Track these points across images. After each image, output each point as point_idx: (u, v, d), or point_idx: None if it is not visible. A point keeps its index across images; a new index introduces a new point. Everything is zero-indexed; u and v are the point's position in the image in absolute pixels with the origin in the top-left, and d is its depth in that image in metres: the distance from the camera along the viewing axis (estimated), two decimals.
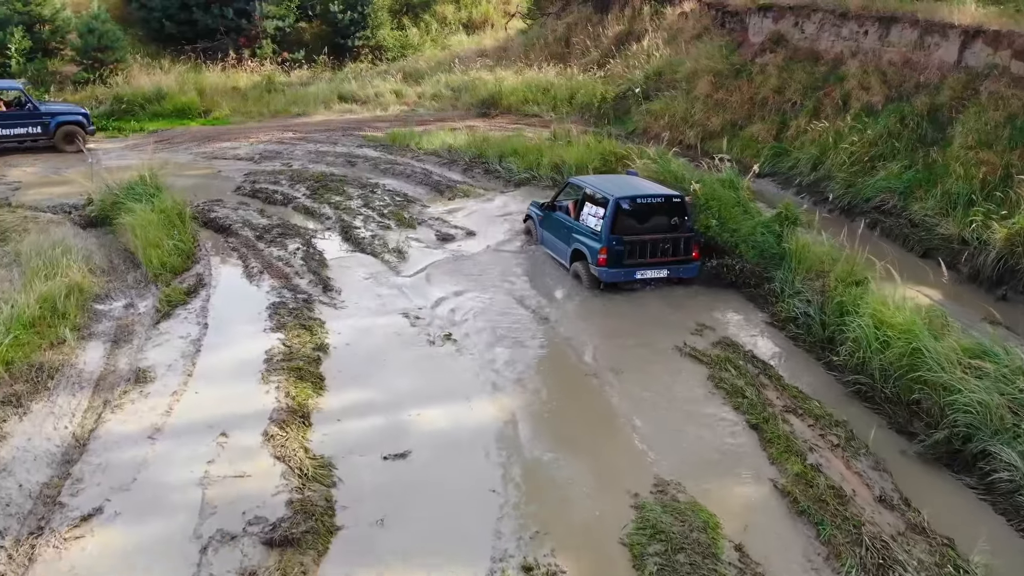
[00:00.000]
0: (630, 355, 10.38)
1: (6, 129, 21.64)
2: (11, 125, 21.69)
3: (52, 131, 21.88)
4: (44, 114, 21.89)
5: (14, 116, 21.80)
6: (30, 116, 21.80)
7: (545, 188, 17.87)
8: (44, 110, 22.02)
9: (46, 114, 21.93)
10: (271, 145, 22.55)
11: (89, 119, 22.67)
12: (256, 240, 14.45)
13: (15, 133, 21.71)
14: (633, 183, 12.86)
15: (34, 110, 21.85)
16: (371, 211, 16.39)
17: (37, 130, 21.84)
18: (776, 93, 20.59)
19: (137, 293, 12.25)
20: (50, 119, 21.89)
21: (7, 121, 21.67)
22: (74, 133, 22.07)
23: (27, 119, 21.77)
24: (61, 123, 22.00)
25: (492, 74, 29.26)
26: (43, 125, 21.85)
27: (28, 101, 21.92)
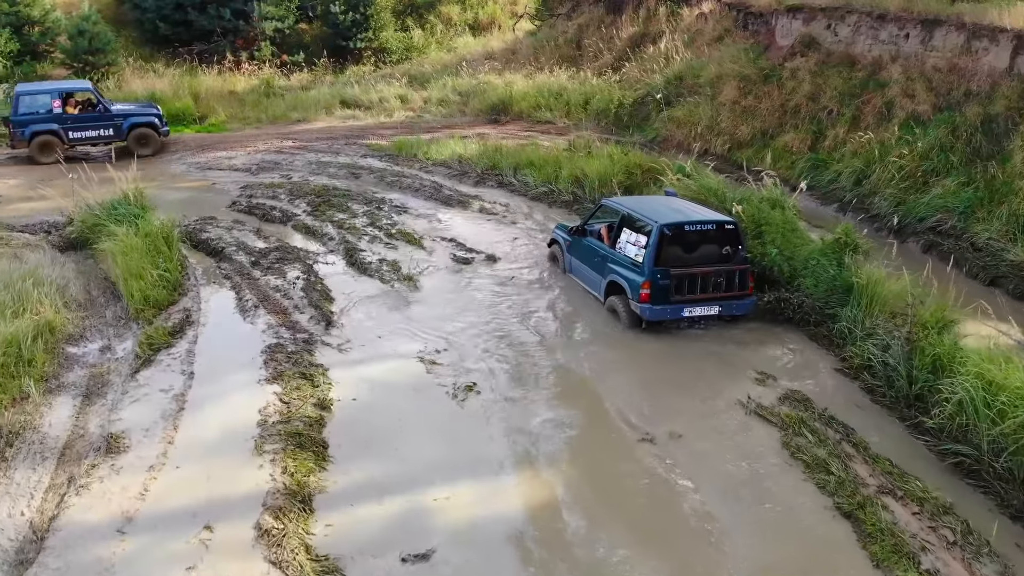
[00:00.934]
0: (686, 412, 8.81)
1: (78, 132, 20.35)
2: (83, 128, 20.39)
3: (125, 133, 20.60)
4: (116, 115, 20.63)
5: (87, 119, 20.53)
6: (102, 118, 20.50)
7: (569, 205, 16.34)
8: (116, 111, 20.74)
9: (118, 115, 20.67)
10: (269, 155, 20.97)
11: (163, 119, 21.41)
12: (251, 266, 12.88)
13: (87, 136, 20.47)
14: (677, 206, 11.30)
15: (106, 111, 20.53)
16: (378, 230, 14.83)
17: (109, 132, 20.55)
18: (810, 100, 19.03)
19: (116, 332, 10.69)
20: (123, 120, 20.63)
21: (80, 124, 20.42)
22: (148, 136, 20.88)
23: (99, 121, 20.45)
24: (134, 124, 20.73)
25: (501, 78, 27.69)
26: (115, 127, 20.57)
27: (100, 102, 20.64)
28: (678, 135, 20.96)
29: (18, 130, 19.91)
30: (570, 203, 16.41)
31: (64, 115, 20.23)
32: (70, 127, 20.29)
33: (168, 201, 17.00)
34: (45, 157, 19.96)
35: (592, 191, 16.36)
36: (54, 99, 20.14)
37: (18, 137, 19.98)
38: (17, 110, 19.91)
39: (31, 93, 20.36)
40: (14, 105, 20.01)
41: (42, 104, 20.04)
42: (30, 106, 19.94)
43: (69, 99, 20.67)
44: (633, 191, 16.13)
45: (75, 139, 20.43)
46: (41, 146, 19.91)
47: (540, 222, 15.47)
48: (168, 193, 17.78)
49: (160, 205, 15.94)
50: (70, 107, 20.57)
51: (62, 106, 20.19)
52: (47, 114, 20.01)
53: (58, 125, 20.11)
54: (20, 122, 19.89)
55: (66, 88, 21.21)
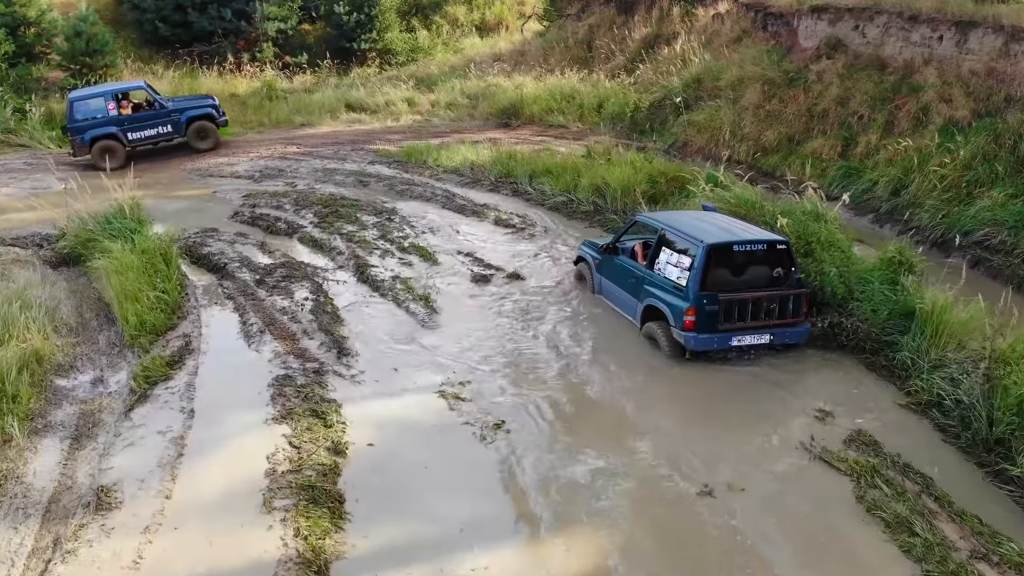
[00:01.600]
0: (745, 458, 7.88)
1: (138, 132, 19.96)
2: (142, 127, 20.00)
3: (184, 128, 20.27)
4: (173, 111, 20.25)
5: (144, 118, 20.10)
6: (159, 115, 20.09)
7: (589, 216, 15.40)
8: (172, 107, 20.34)
9: (175, 111, 20.28)
10: (273, 161, 20.02)
11: (219, 109, 20.98)
12: (256, 285, 11.93)
13: (146, 136, 20.10)
14: (720, 223, 10.34)
15: (162, 108, 20.12)
16: (389, 244, 13.89)
17: (168, 129, 20.26)
18: (839, 104, 18.07)
19: (109, 362, 9.75)
20: (179, 116, 20.26)
21: (138, 123, 19.98)
22: (207, 128, 20.62)
23: (157, 119, 20.09)
24: (192, 118, 20.38)
25: (510, 80, 26.74)
26: (173, 123, 20.24)
27: (155, 99, 20.16)
28: (699, 140, 20.01)
29: (77, 137, 19.42)
30: (591, 214, 15.47)
31: (121, 117, 19.74)
32: (128, 128, 19.81)
33: (167, 211, 16.10)
34: (108, 163, 19.18)
35: (614, 201, 15.43)
36: (108, 101, 19.68)
37: (79, 144, 19.45)
38: (73, 117, 19.46)
39: (85, 98, 19.90)
40: (69, 112, 19.58)
41: (97, 108, 19.58)
42: (85, 111, 19.47)
43: (123, 100, 20.11)
44: (658, 202, 15.22)
45: (135, 140, 19.99)
46: (102, 151, 19.16)
47: (561, 235, 14.53)
48: (167, 203, 16.86)
49: (158, 216, 15.07)
50: (124, 108, 20.07)
51: (117, 108, 19.71)
52: (104, 118, 19.53)
53: (116, 128, 19.64)
54: (78, 128, 19.41)
55: (119, 89, 20.72)
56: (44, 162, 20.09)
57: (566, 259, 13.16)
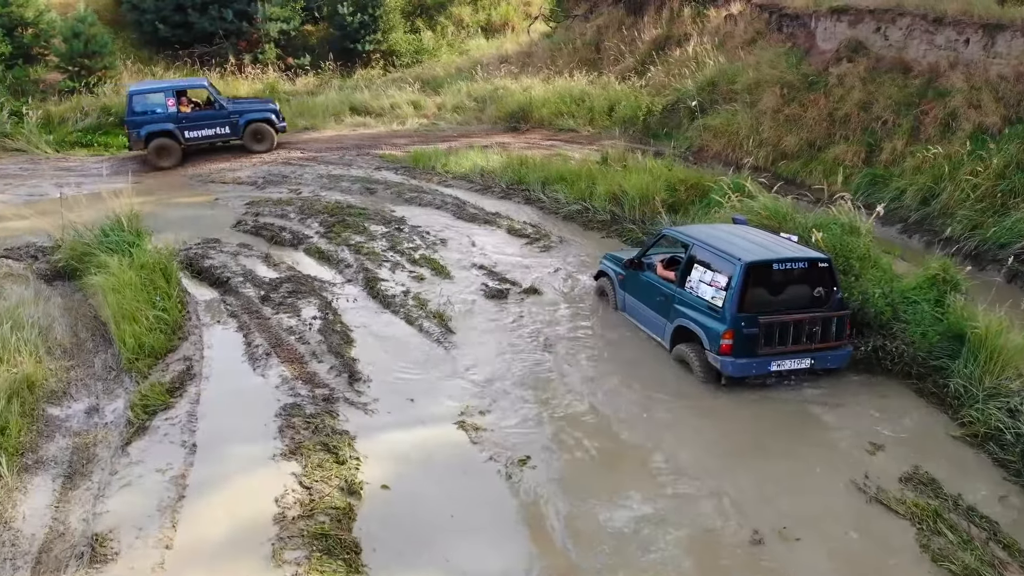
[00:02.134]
0: (794, 499, 7.25)
1: (195, 131, 19.77)
2: (200, 126, 19.81)
3: (241, 130, 20.03)
4: (232, 112, 20.06)
5: (203, 117, 19.91)
6: (218, 115, 19.87)
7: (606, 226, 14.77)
8: (231, 108, 20.12)
9: (234, 112, 20.09)
10: (276, 166, 19.38)
11: (279, 115, 20.75)
12: (261, 302, 11.30)
13: (204, 135, 19.90)
14: (755, 238, 9.69)
15: (221, 108, 19.86)
16: (399, 255, 13.27)
17: (226, 130, 20.06)
18: (861, 109, 17.44)
19: (105, 388, 9.11)
20: (239, 117, 20.06)
21: (198, 122, 19.82)
22: (263, 132, 20.29)
23: (215, 119, 19.89)
24: (250, 121, 20.13)
25: (517, 82, 26.09)
26: (232, 124, 20.04)
27: (215, 99, 19.85)
28: (715, 145, 19.39)
29: (134, 131, 19.35)
30: (608, 223, 14.85)
31: (179, 114, 19.55)
32: (186, 126, 19.62)
33: (167, 220, 15.49)
34: (163, 161, 19.53)
35: (632, 210, 14.81)
36: (168, 97, 19.49)
37: (135, 138, 19.41)
38: (132, 110, 19.36)
39: (144, 92, 19.77)
40: (128, 106, 19.49)
41: (156, 103, 19.43)
42: (144, 106, 19.37)
43: (183, 97, 19.97)
44: (678, 211, 14.61)
45: (191, 139, 19.77)
46: (158, 149, 19.45)
47: (578, 246, 13.91)
48: (167, 210, 16.25)
49: (158, 225, 14.47)
50: (184, 106, 19.89)
51: (176, 105, 19.51)
52: (162, 114, 19.39)
53: (174, 125, 19.49)
54: (135, 123, 19.30)
55: (180, 85, 20.58)
56: (40, 167, 19.53)
57: (585, 272, 12.55)
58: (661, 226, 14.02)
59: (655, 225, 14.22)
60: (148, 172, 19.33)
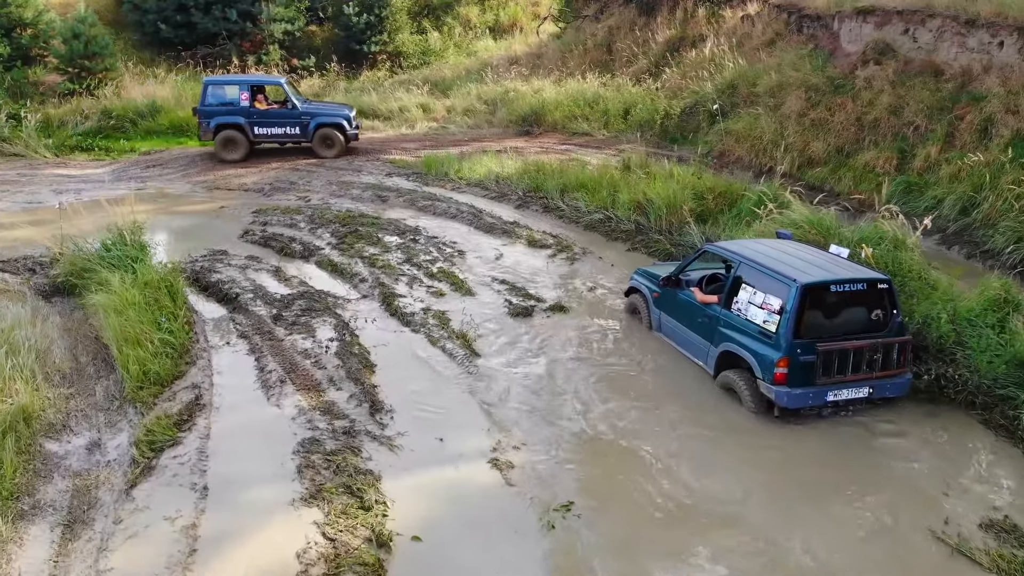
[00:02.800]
0: (872, 549, 6.54)
1: (265, 128, 19.48)
2: (270, 124, 19.47)
3: (311, 133, 19.51)
4: (303, 114, 19.53)
5: (274, 115, 19.55)
6: (289, 115, 19.47)
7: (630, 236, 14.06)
8: (303, 109, 19.57)
9: (305, 114, 19.54)
10: (283, 172, 18.68)
11: (352, 121, 19.93)
12: (273, 321, 10.59)
13: (272, 133, 19.58)
14: (807, 256, 8.99)
15: (293, 109, 19.42)
16: (416, 268, 12.58)
17: (295, 131, 19.61)
18: (891, 114, 16.74)
19: (107, 420, 8.40)
20: (309, 119, 19.51)
21: (269, 120, 19.47)
22: (333, 137, 19.62)
23: (286, 119, 19.49)
24: (321, 124, 19.53)
25: (528, 84, 25.39)
26: (302, 126, 19.54)
27: (289, 99, 19.47)
28: (737, 150, 18.68)
29: (204, 121, 19.22)
30: (632, 234, 14.15)
31: (251, 109, 19.24)
32: (256, 122, 19.36)
33: (171, 230, 14.84)
34: (229, 154, 19.28)
35: (658, 220, 14.12)
36: (242, 91, 19.24)
37: (204, 128, 19.30)
38: (205, 100, 19.24)
39: (220, 83, 19.77)
40: (202, 95, 19.39)
41: (230, 95, 19.24)
42: (218, 97, 19.24)
43: (258, 93, 19.61)
44: (706, 220, 13.93)
45: (260, 135, 19.52)
46: (225, 142, 19.32)
47: (603, 258, 13.21)
48: (171, 219, 15.56)
49: (162, 235, 13.86)
50: (259, 102, 19.49)
51: (250, 100, 19.22)
52: (234, 106, 19.17)
53: (244, 119, 19.26)
54: (207, 113, 19.18)
55: (256, 81, 20.54)
56: (39, 173, 18.82)
57: (613, 287, 11.87)
58: (690, 237, 13.37)
59: (683, 236, 13.55)
60: (150, 178, 18.63)
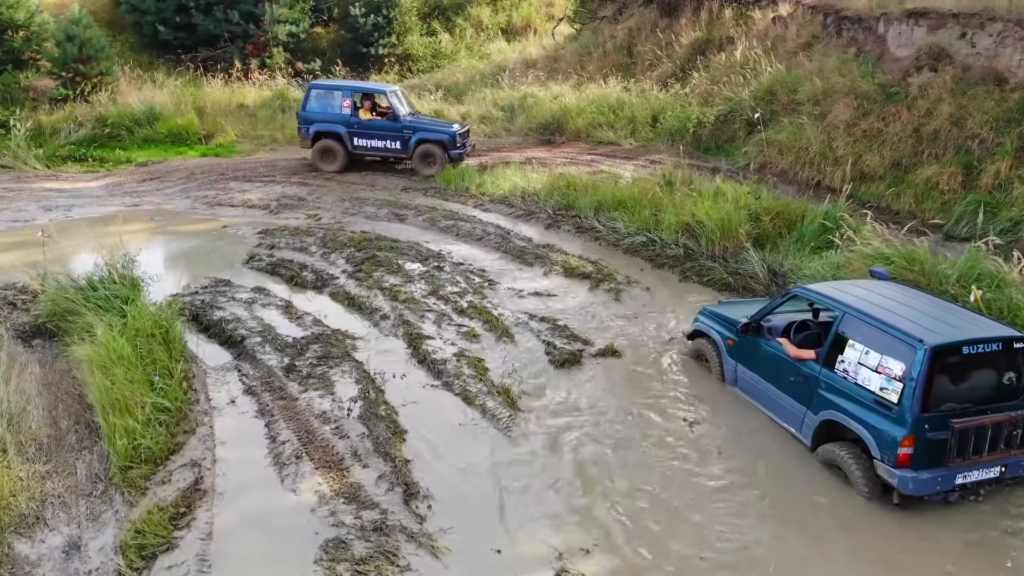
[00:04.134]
0: None
1: (363, 140, 17.95)
2: (370, 136, 17.94)
3: (411, 149, 17.79)
4: (405, 128, 17.82)
5: (376, 127, 17.97)
6: (391, 129, 17.86)
7: (678, 262, 12.55)
8: (406, 123, 17.88)
9: (407, 128, 17.81)
10: (290, 187, 17.16)
11: (456, 139, 17.78)
12: (285, 374, 9.09)
13: (371, 147, 18.01)
14: (925, 307, 7.49)
15: (395, 121, 17.81)
16: (443, 303, 11.09)
17: (396, 146, 17.93)
18: (952, 124, 15.25)
19: (90, 510, 6.89)
20: (411, 134, 17.75)
21: (370, 131, 17.92)
22: (435, 155, 17.75)
23: (387, 132, 17.89)
24: (422, 140, 17.75)
25: (546, 89, 23.87)
26: (403, 141, 17.83)
27: (394, 111, 17.90)
28: (780, 162, 17.18)
29: (304, 127, 17.99)
30: (680, 260, 12.67)
31: (352, 118, 17.81)
32: (356, 132, 17.85)
33: (169, 254, 13.39)
34: (326, 164, 17.91)
35: (710, 244, 12.61)
36: (345, 98, 17.90)
37: (303, 135, 18.07)
38: (306, 105, 18.03)
39: (323, 88, 18.51)
40: (304, 99, 18.23)
41: (332, 102, 17.95)
42: (320, 103, 18.00)
43: (366, 101, 18.27)
44: (764, 246, 12.44)
45: (358, 147, 18.00)
46: (323, 151, 18.02)
47: (652, 288, 11.73)
48: (168, 241, 14.09)
49: (158, 260, 12.41)
50: (366, 111, 18.08)
51: (352, 108, 17.86)
52: (335, 114, 17.84)
53: (344, 128, 17.81)
54: (307, 119, 17.95)
55: (363, 88, 19.09)
56: (28, 187, 17.30)
57: (669, 324, 10.40)
58: (748, 264, 11.89)
59: (741, 263, 12.07)
60: (147, 193, 17.11)
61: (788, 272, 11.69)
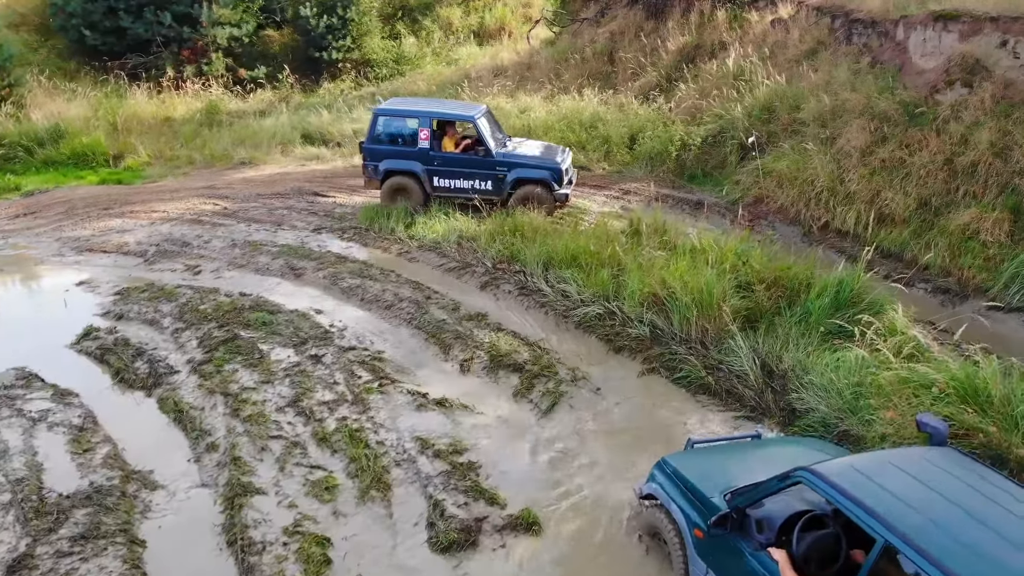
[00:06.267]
0: None
1: (447, 180, 13.23)
2: (455, 174, 13.20)
3: (506, 189, 13.13)
4: (500, 164, 13.07)
5: (462, 163, 13.18)
6: (482, 165, 13.09)
7: (642, 347, 9.09)
8: (500, 157, 13.12)
9: (502, 164, 13.07)
10: (181, 225, 13.69)
11: (561, 176, 13.08)
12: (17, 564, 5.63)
13: (457, 187, 13.27)
14: (998, 516, 4.02)
15: (487, 156, 13.04)
16: (303, 420, 7.77)
17: (487, 186, 13.19)
18: (995, 156, 11.78)
19: None
20: (506, 172, 13.06)
21: (451, 168, 13.17)
22: (537, 198, 12.95)
23: (476, 168, 13.12)
24: (522, 180, 13.04)
25: (513, 101, 20.40)
26: (495, 180, 13.12)
27: (483, 141, 13.05)
28: (779, 197, 13.71)
29: (371, 165, 13.42)
30: (646, 343, 9.18)
31: (433, 152, 13.13)
32: (437, 170, 13.19)
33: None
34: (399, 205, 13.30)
35: (685, 323, 9.13)
36: (423, 127, 13.03)
37: (369, 172, 13.49)
38: (373, 135, 13.30)
39: (394, 114, 13.45)
40: (370, 127, 13.36)
41: (406, 131, 13.24)
42: (392, 131, 13.31)
43: (449, 128, 13.56)
44: (759, 326, 8.96)
45: (440, 188, 13.32)
46: (394, 192, 13.41)
47: (605, 390, 8.29)
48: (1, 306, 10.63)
49: None
50: (451, 139, 13.44)
51: (431, 138, 13.09)
52: (410, 147, 13.15)
53: (422, 166, 13.16)
54: (375, 153, 13.31)
55: (441, 115, 13.49)
56: None
57: (618, 462, 6.93)
58: (735, 357, 8.43)
59: (726, 353, 8.60)
60: (14, 232, 13.71)
61: (789, 372, 8.22)
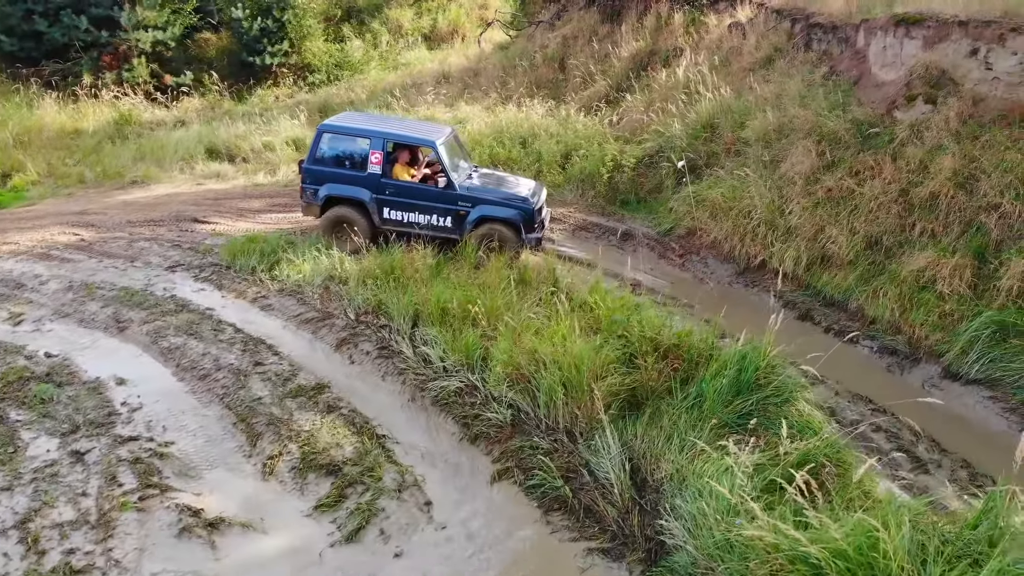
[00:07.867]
0: None
1: (398, 212, 11.04)
2: (409, 206, 11.01)
3: (467, 228, 10.96)
4: (463, 198, 10.95)
5: (419, 194, 11.00)
6: (441, 198, 10.98)
7: (503, 437, 7.18)
8: (464, 190, 11.01)
9: (466, 198, 10.96)
10: (25, 261, 11.76)
11: (532, 216, 10.89)
12: None
13: (409, 220, 11.08)
14: None
15: (448, 187, 10.97)
16: (21, 555, 5.82)
17: (446, 223, 11.06)
18: (958, 187, 9.81)
19: None
20: (469, 208, 10.95)
21: (405, 199, 10.99)
22: (500, 238, 10.88)
23: (436, 202, 10.99)
24: (484, 219, 10.93)
25: (452, 111, 18.48)
26: (455, 217, 10.99)
27: (444, 170, 10.95)
28: (713, 229, 11.76)
29: (309, 188, 11.15)
30: (505, 433, 7.23)
31: (385, 179, 10.99)
32: (387, 201, 11.03)
33: None
34: (339, 243, 11.07)
35: (551, 408, 7.17)
36: (375, 148, 10.86)
37: (308, 197, 11.20)
38: (314, 155, 11.10)
39: (342, 132, 11.13)
40: (313, 144, 11.12)
41: (354, 152, 11.02)
42: (336, 152, 11.10)
43: (404, 152, 11.35)
44: (643, 411, 7.01)
45: (389, 222, 11.13)
46: (334, 224, 11.12)
47: (438, 503, 6.34)
48: None
49: None
50: (401, 166, 11.21)
51: (384, 162, 10.95)
52: (358, 171, 10.99)
53: (371, 194, 10.99)
54: (315, 175, 11.09)
55: (399, 137, 11.12)
56: None
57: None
58: (602, 459, 6.49)
59: (594, 453, 6.66)
60: None
61: (664, 484, 6.26)
